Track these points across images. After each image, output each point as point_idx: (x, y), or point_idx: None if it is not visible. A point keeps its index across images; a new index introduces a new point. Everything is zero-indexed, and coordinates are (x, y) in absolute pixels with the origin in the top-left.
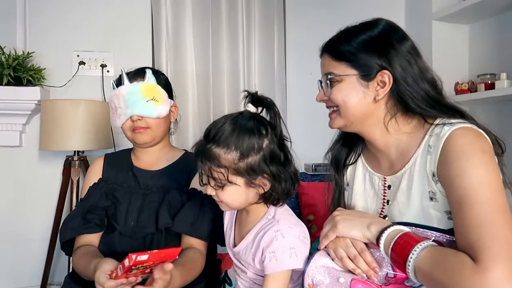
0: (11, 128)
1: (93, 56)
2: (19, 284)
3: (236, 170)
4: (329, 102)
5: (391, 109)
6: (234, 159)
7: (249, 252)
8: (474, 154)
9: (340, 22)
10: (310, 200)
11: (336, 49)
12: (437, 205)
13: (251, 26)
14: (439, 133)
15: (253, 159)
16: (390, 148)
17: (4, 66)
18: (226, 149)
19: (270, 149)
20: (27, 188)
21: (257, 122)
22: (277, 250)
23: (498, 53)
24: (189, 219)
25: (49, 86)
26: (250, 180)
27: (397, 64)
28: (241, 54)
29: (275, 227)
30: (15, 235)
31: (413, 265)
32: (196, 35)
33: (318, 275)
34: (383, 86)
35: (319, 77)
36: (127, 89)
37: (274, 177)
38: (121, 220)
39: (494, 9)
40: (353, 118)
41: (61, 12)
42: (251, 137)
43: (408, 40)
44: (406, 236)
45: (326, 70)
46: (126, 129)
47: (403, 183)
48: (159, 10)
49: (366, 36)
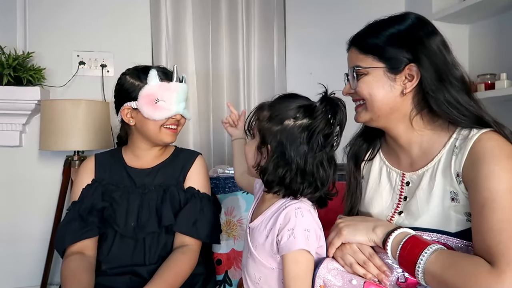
0: (11, 128)
1: (93, 56)
2: (19, 284)
3: (259, 126)
4: (356, 95)
5: (417, 104)
6: (265, 117)
7: (263, 229)
8: (503, 158)
9: (340, 22)
10: None
11: (363, 42)
12: (458, 206)
13: (251, 26)
14: (467, 135)
15: (272, 126)
16: (412, 145)
17: (4, 66)
18: (269, 108)
19: (290, 131)
20: (27, 188)
21: (306, 108)
22: (296, 227)
23: (498, 53)
24: (190, 219)
25: (49, 86)
26: (260, 143)
27: (424, 59)
28: (241, 54)
29: (296, 204)
30: (15, 235)
31: (423, 267)
32: (196, 35)
33: (329, 276)
34: (411, 79)
35: (319, 77)
36: (180, 87)
37: (277, 155)
38: (121, 221)
39: (494, 9)
40: (379, 111)
41: (61, 12)
42: (288, 112)
43: (437, 34)
44: (414, 238)
45: (353, 63)
46: (158, 125)
47: (424, 181)
48: (159, 10)
49: (394, 29)
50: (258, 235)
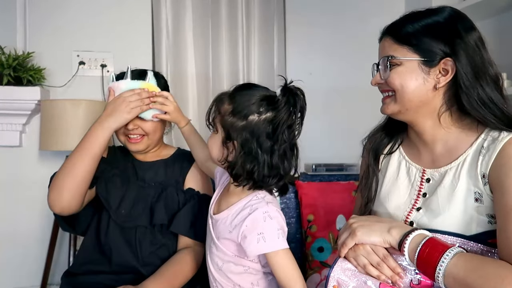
0: (11, 128)
1: (93, 56)
2: (19, 284)
3: (222, 121)
4: (385, 86)
5: (448, 100)
6: (227, 111)
7: (229, 224)
8: None
9: (340, 22)
10: (310, 200)
11: (399, 32)
12: (481, 207)
13: (251, 26)
14: (497, 137)
15: (236, 121)
16: (437, 142)
17: (4, 66)
18: (230, 101)
19: (255, 127)
20: (27, 188)
21: (268, 101)
22: (265, 232)
23: (498, 53)
24: (188, 220)
25: (49, 86)
26: (225, 139)
27: (462, 54)
28: (241, 54)
29: (263, 208)
30: (15, 235)
31: (444, 270)
32: (196, 35)
33: (343, 276)
34: (445, 74)
35: (318, 77)
36: (127, 84)
37: (244, 151)
38: (114, 205)
39: (494, 9)
40: (409, 104)
41: (61, 12)
42: (251, 106)
43: (475, 30)
44: (433, 240)
45: (386, 52)
46: (120, 134)
47: (447, 179)
48: (159, 10)
49: (431, 20)
50: (222, 228)
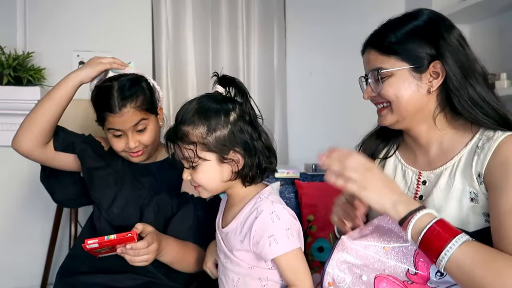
0: (11, 128)
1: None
2: (19, 284)
3: (205, 145)
4: (378, 98)
5: (441, 102)
6: (202, 134)
7: (239, 233)
8: None
9: (340, 22)
10: (310, 200)
11: (382, 43)
12: (477, 207)
13: (251, 25)
14: (492, 136)
15: (221, 133)
16: (431, 144)
17: (4, 66)
18: (193, 126)
19: (239, 124)
20: (27, 188)
21: (224, 99)
22: (275, 233)
23: (498, 53)
24: (185, 224)
25: (49, 86)
26: (221, 155)
27: (448, 55)
28: (241, 54)
29: (269, 208)
30: (15, 235)
31: (450, 255)
32: (196, 35)
33: (338, 272)
34: (437, 77)
35: (318, 76)
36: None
37: (245, 150)
38: (106, 204)
39: (494, 9)
40: (405, 113)
41: (61, 12)
42: (218, 112)
43: (455, 28)
44: (441, 223)
45: (373, 65)
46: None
47: (442, 180)
48: (159, 10)
49: (412, 25)
50: (233, 239)
